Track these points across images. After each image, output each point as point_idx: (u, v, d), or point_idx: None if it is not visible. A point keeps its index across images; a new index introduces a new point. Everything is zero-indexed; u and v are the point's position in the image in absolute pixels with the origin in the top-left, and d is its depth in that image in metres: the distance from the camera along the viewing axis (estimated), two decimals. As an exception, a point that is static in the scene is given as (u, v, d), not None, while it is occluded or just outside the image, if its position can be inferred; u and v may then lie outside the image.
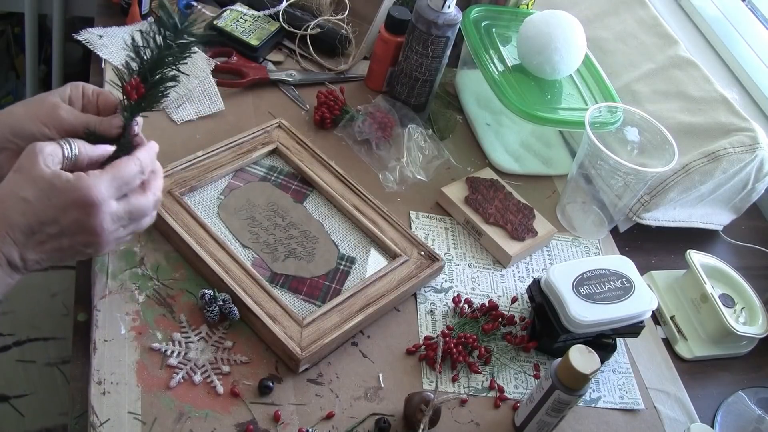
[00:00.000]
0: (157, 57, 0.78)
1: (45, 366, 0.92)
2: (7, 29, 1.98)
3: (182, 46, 0.79)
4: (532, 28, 1.14)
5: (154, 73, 0.79)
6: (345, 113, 1.14)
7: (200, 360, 0.83)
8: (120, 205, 0.73)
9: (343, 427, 0.83)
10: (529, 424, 0.86)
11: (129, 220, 0.75)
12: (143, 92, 0.79)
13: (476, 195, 1.08)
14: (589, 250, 1.12)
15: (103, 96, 0.83)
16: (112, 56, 1.11)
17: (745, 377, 1.04)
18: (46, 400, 0.92)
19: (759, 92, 1.33)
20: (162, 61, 0.78)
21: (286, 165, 1.05)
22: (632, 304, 0.93)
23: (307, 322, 0.86)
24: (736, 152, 1.10)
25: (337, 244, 0.98)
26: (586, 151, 1.05)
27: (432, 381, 0.89)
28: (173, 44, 0.78)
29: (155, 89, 0.79)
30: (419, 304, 0.97)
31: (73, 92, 0.81)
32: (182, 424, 0.78)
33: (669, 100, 1.20)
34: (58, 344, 0.93)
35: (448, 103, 1.27)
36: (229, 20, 1.20)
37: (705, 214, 1.19)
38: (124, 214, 0.74)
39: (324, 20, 1.25)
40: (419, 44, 1.11)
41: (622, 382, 0.97)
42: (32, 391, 0.91)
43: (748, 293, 1.08)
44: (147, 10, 1.19)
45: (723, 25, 1.45)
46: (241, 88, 1.15)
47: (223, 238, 0.92)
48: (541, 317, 0.94)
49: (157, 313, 0.86)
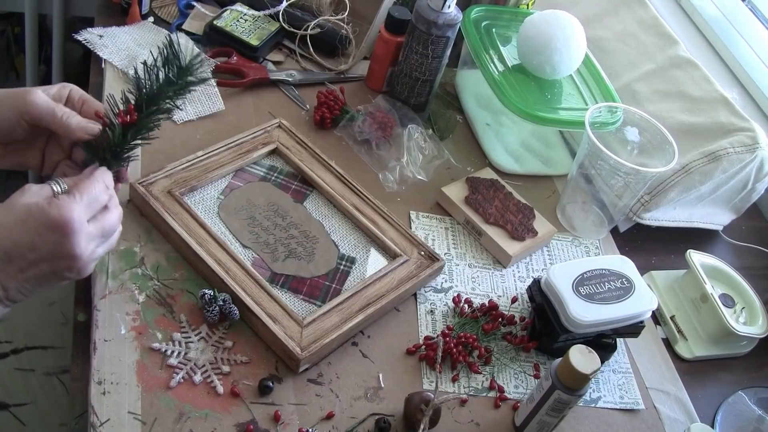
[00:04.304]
0: (157, 91, 0.78)
1: (44, 375, 0.92)
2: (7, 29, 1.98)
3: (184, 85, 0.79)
4: (532, 28, 1.14)
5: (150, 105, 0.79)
6: (345, 113, 1.14)
7: (200, 360, 0.83)
8: (92, 225, 0.73)
9: (343, 427, 0.83)
10: (529, 424, 0.86)
11: (102, 238, 0.74)
12: (135, 120, 0.79)
13: (476, 195, 1.08)
14: (589, 250, 1.12)
15: (87, 105, 0.82)
16: (112, 56, 1.11)
17: (745, 377, 1.04)
18: (46, 410, 0.91)
19: (759, 92, 1.33)
20: (161, 95, 0.79)
21: (286, 165, 1.05)
22: (632, 304, 0.93)
23: (307, 322, 0.86)
24: (736, 152, 1.10)
25: (337, 244, 0.98)
26: (586, 151, 1.05)
27: (432, 381, 0.89)
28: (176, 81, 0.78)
29: (147, 120, 0.80)
30: (419, 304, 0.97)
31: (60, 91, 0.80)
32: (182, 424, 0.78)
33: (669, 100, 1.20)
34: (57, 353, 0.93)
35: (448, 103, 1.27)
36: (229, 20, 1.20)
37: (705, 214, 1.19)
38: (96, 232, 0.73)
39: (324, 20, 1.25)
40: (419, 44, 1.11)
41: (622, 382, 0.97)
42: (32, 400, 0.91)
43: (748, 293, 1.08)
44: (147, 10, 1.20)
45: (723, 25, 1.45)
46: (241, 88, 1.15)
47: (223, 238, 0.92)
48: (541, 317, 0.94)
49: (157, 313, 0.86)
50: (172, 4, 1.24)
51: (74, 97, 0.82)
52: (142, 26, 1.17)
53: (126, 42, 1.13)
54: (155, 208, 0.91)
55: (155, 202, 0.92)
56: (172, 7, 1.24)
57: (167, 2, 1.24)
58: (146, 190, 0.93)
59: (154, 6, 1.22)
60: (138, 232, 0.92)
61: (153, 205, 0.92)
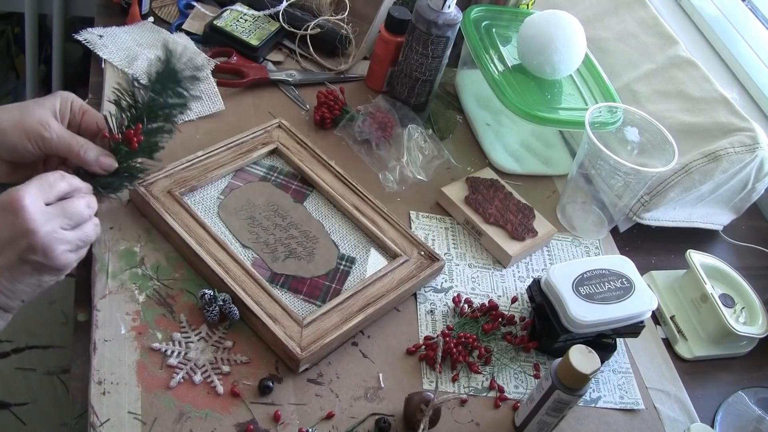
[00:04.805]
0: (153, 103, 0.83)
1: (45, 375, 0.92)
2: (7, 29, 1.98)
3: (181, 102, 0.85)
4: (532, 28, 1.14)
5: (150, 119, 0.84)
6: (345, 113, 1.14)
7: (200, 360, 0.83)
8: (51, 207, 0.73)
9: (343, 427, 0.83)
10: (529, 424, 0.86)
11: (66, 220, 0.73)
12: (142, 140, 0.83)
13: (476, 195, 1.08)
14: (589, 250, 1.12)
15: (87, 115, 0.83)
16: (112, 56, 1.11)
17: (745, 377, 1.04)
18: (47, 409, 0.91)
19: (759, 92, 1.33)
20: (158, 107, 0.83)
21: (286, 165, 1.05)
22: (632, 304, 0.93)
23: (307, 322, 0.86)
24: (736, 152, 1.10)
25: (337, 244, 0.98)
26: (586, 151, 1.05)
27: (432, 381, 0.89)
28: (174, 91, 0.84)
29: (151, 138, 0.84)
30: (419, 304, 0.97)
31: (63, 105, 0.81)
32: (182, 424, 0.78)
33: (669, 100, 1.20)
34: (58, 353, 0.93)
35: (448, 103, 1.27)
36: (229, 20, 1.20)
37: (705, 214, 1.19)
38: (56, 212, 0.73)
39: (324, 20, 1.25)
40: (419, 44, 1.11)
41: (622, 382, 0.97)
42: (33, 400, 0.91)
43: (748, 293, 1.08)
44: (147, 10, 1.19)
45: (723, 25, 1.45)
46: (241, 88, 1.15)
47: (223, 238, 0.92)
48: (541, 317, 0.94)
49: (157, 313, 0.86)
50: (172, 4, 1.24)
51: (75, 109, 0.83)
52: (142, 26, 1.17)
53: (126, 42, 1.13)
54: (155, 208, 0.91)
55: (155, 202, 0.92)
56: (172, 7, 1.24)
57: (167, 2, 1.24)
58: (146, 190, 0.93)
59: (154, 6, 1.22)
60: (138, 232, 0.92)
61: (153, 205, 0.92)
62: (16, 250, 0.70)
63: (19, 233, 0.70)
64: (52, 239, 0.72)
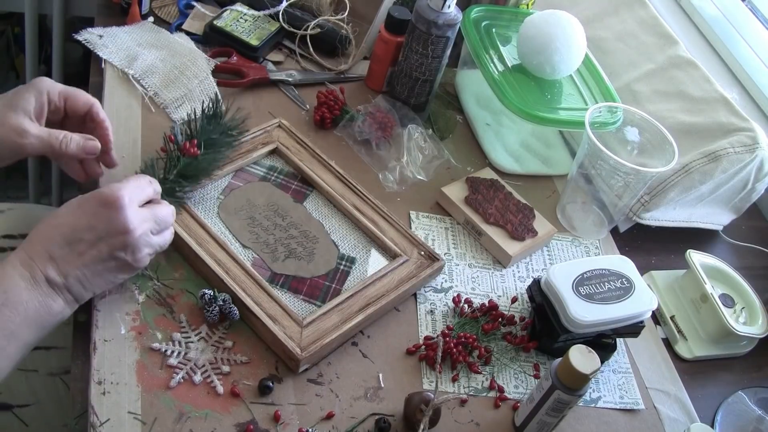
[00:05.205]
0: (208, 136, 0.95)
1: (47, 376, 0.92)
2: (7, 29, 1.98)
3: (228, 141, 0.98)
4: (532, 28, 1.14)
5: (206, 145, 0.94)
6: (345, 113, 1.14)
7: (200, 360, 0.83)
8: (144, 209, 0.78)
9: (343, 427, 0.83)
10: (529, 424, 0.86)
11: (155, 224, 0.79)
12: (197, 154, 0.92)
13: (476, 195, 1.08)
14: (589, 250, 1.12)
15: (71, 99, 0.83)
16: (112, 56, 1.11)
17: (745, 377, 1.04)
18: (50, 411, 0.91)
19: (759, 92, 1.33)
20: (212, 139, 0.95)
21: (286, 165, 1.05)
22: (632, 304, 0.93)
23: (307, 323, 0.86)
24: (736, 152, 1.10)
25: (337, 244, 0.98)
26: (586, 151, 1.05)
27: (432, 381, 0.89)
28: None
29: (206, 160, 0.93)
30: (419, 304, 0.97)
31: (38, 101, 0.82)
32: (182, 424, 0.78)
33: (669, 100, 1.20)
34: (60, 354, 0.93)
35: (448, 103, 1.27)
36: (229, 20, 1.20)
37: (705, 214, 1.19)
38: (148, 215, 0.78)
39: (324, 20, 1.25)
40: (419, 44, 1.11)
41: (622, 382, 0.96)
42: (35, 401, 0.91)
43: (748, 293, 1.08)
44: (147, 10, 1.19)
45: (723, 25, 1.45)
46: (241, 88, 1.15)
47: (223, 238, 0.92)
48: (541, 317, 0.94)
49: (157, 313, 0.86)
50: (172, 4, 1.24)
51: (54, 98, 0.83)
52: (142, 26, 1.17)
53: (126, 42, 1.13)
54: (155, 208, 0.91)
55: (155, 202, 0.92)
56: (172, 7, 1.24)
57: (167, 2, 1.24)
58: (146, 190, 0.93)
59: (154, 6, 1.22)
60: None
61: (153, 205, 0.92)
62: (110, 246, 0.75)
63: (116, 230, 0.74)
64: (144, 241, 0.77)
